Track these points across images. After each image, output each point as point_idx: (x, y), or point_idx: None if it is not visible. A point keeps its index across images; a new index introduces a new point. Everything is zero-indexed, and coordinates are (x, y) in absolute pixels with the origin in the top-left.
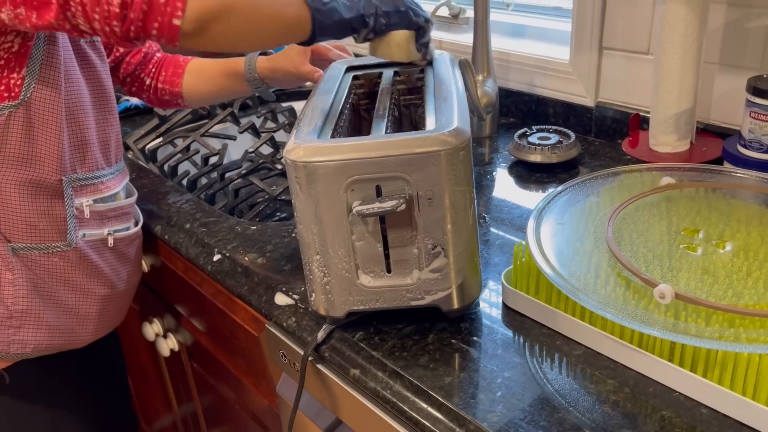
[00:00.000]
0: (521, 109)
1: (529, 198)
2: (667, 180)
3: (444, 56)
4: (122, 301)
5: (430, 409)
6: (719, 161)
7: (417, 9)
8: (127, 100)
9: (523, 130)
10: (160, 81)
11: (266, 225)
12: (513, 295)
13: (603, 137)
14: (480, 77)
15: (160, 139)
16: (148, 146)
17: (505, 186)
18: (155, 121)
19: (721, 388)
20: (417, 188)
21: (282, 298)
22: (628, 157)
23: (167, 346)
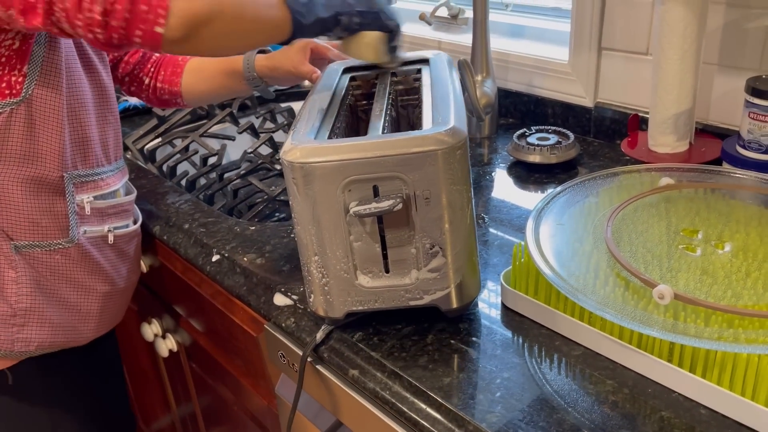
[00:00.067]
0: (520, 110)
1: (528, 198)
2: (666, 180)
3: (441, 56)
4: (122, 298)
5: (429, 409)
6: (718, 162)
7: (389, 13)
8: (126, 100)
9: (522, 131)
10: (159, 80)
11: (265, 225)
12: (512, 296)
13: (602, 138)
14: (479, 78)
15: (159, 139)
16: (147, 146)
17: (504, 186)
18: (154, 122)
19: (720, 388)
20: (414, 188)
21: (281, 299)
22: (627, 157)
23: (166, 346)
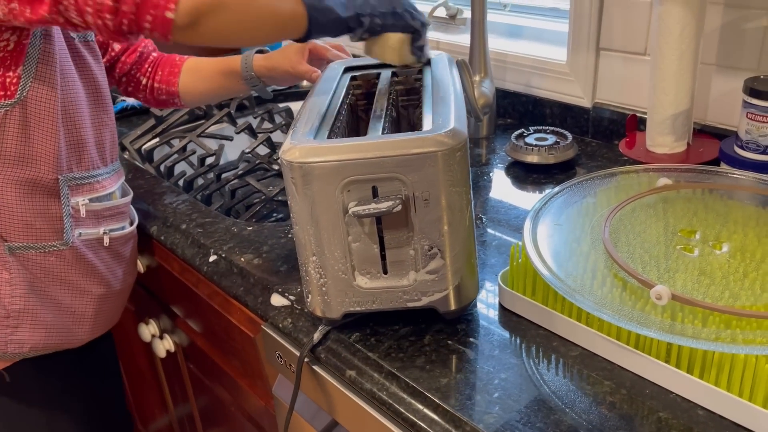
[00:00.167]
0: (518, 110)
1: (526, 199)
2: (664, 181)
3: (442, 57)
4: (118, 300)
5: (426, 410)
6: (716, 162)
7: (414, 12)
8: (124, 100)
9: (520, 131)
10: (157, 80)
11: (263, 226)
12: (509, 296)
13: (600, 138)
14: (477, 78)
15: (157, 139)
16: (144, 147)
17: (502, 187)
18: (152, 122)
19: (718, 389)
20: (413, 189)
21: (278, 299)
22: (625, 158)
23: (163, 347)
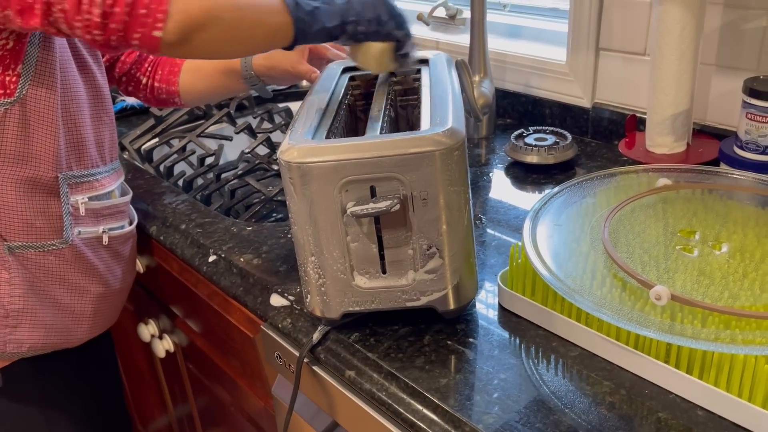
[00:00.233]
0: (518, 110)
1: (526, 199)
2: (663, 181)
3: (441, 57)
4: (117, 300)
5: (425, 410)
6: (716, 162)
7: (398, 22)
8: (124, 100)
9: (519, 131)
10: (157, 80)
11: (262, 226)
12: (509, 297)
13: (599, 138)
14: (477, 78)
15: (156, 139)
16: (144, 147)
17: (501, 187)
18: (151, 122)
19: (717, 389)
20: (411, 188)
21: (277, 300)
22: (625, 158)
23: (162, 347)
